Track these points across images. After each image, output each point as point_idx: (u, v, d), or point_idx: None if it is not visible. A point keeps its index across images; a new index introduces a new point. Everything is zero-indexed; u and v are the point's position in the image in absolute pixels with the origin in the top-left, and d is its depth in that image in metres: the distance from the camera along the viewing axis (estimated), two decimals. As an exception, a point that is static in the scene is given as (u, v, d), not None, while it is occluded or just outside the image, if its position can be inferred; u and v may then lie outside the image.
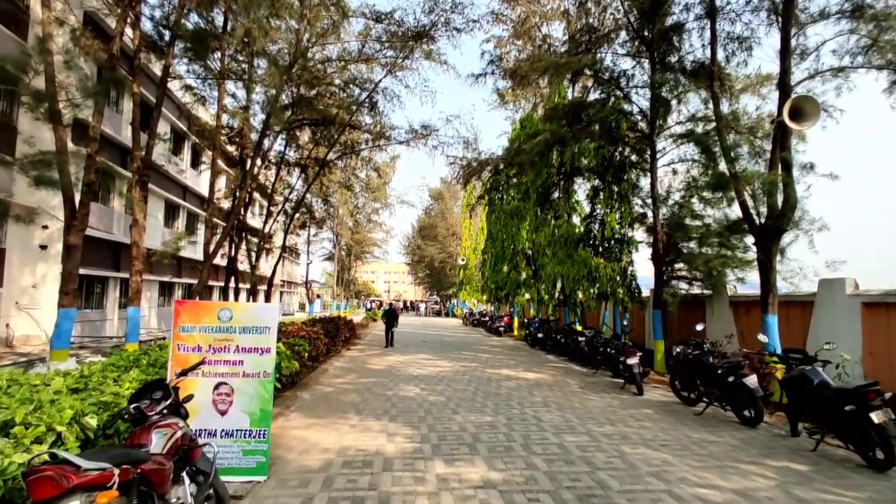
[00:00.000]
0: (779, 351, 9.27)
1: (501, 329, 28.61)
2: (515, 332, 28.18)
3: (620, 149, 15.51)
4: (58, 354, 10.06)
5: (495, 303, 34.40)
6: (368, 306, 61.82)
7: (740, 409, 7.81)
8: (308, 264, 39.69)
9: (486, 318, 33.62)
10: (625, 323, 12.95)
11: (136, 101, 12.28)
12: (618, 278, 14.77)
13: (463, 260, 46.90)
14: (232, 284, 19.40)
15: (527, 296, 26.31)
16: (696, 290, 14.44)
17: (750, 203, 11.15)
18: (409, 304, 64.24)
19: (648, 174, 14.99)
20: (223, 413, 5.07)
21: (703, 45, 14.35)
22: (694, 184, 14.47)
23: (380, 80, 20.71)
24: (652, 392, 10.84)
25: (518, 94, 27.94)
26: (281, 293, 56.28)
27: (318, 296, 61.76)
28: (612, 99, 15.46)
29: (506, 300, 28.68)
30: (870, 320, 9.51)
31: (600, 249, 15.38)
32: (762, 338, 7.60)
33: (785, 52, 10.55)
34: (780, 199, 10.48)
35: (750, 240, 11.63)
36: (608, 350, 12.38)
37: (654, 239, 14.77)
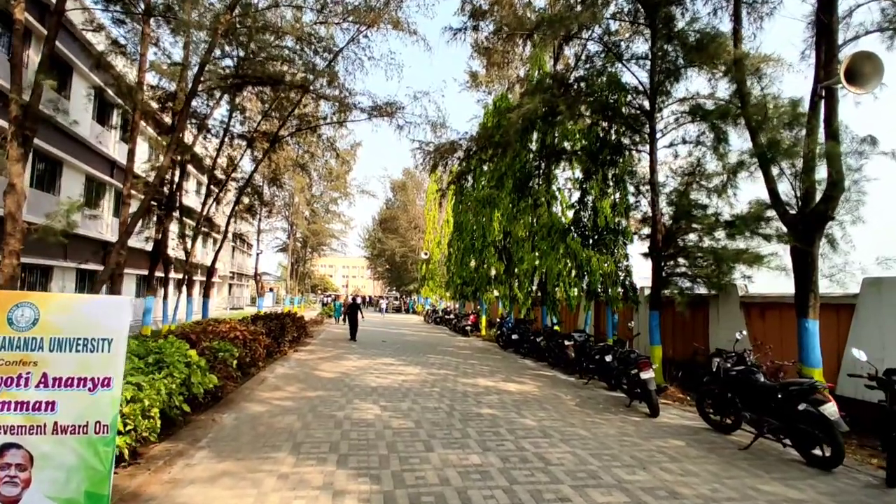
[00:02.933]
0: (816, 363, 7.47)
1: (468, 328, 26.52)
2: (483, 332, 26.16)
3: (616, 127, 13.57)
4: None
5: (461, 300, 32.31)
6: (324, 301, 58.66)
7: (808, 445, 5.89)
8: (258, 254, 36.51)
9: (451, 316, 31.47)
10: (631, 325, 10.98)
11: (17, 32, 9.49)
12: (611, 274, 12.82)
13: (426, 254, 44.60)
14: (160, 273, 16.52)
15: (495, 293, 24.33)
16: (700, 290, 12.68)
17: (782, 188, 9.37)
18: (368, 299, 61.38)
19: (647, 157, 13.11)
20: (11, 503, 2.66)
21: (714, 11, 12.57)
22: (699, 169, 12.70)
23: (341, 49, 18.20)
24: (665, 411, 8.89)
25: (493, 75, 25.90)
26: (230, 286, 52.58)
27: (271, 289, 58.27)
28: (608, 69, 13.51)
29: (473, 297, 26.63)
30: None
31: (591, 241, 13.40)
32: (859, 354, 5.58)
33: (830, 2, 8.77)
34: (822, 179, 8.74)
35: (769, 230, 9.86)
36: (608, 359, 10.40)
37: (652, 230, 12.90)
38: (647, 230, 13.93)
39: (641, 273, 13.95)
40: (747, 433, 7.09)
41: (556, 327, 15.38)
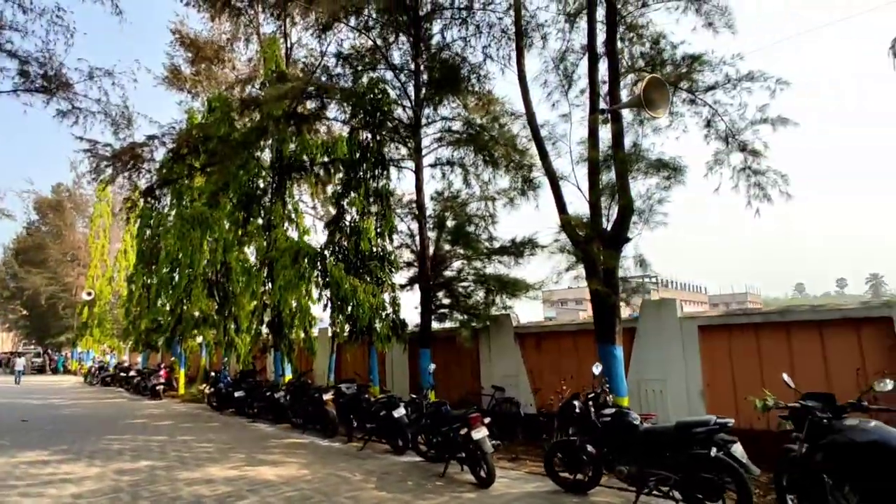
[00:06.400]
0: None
1: (159, 388, 20.41)
2: (182, 391, 20.53)
3: (379, 138, 11.83)
4: None
5: (145, 350, 25.29)
6: None
7: (714, 497, 4.82)
8: None
9: (131, 374, 24.12)
10: (431, 370, 8.86)
11: None
12: (379, 307, 10.73)
13: (90, 294, 34.38)
14: None
15: (199, 339, 19.43)
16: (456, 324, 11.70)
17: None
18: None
19: (413, 175, 11.73)
20: None
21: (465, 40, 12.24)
22: (469, 191, 11.97)
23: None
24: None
25: (203, 73, 21.45)
26: None
27: None
28: (374, 70, 11.83)
29: (167, 347, 20.81)
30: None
31: (354, 268, 11.08)
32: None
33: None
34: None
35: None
36: (398, 414, 8.13)
37: (420, 255, 11.45)
38: (409, 256, 12.48)
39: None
40: (611, 489, 5.84)
41: (302, 378, 12.33)
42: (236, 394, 13.90)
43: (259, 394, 13.21)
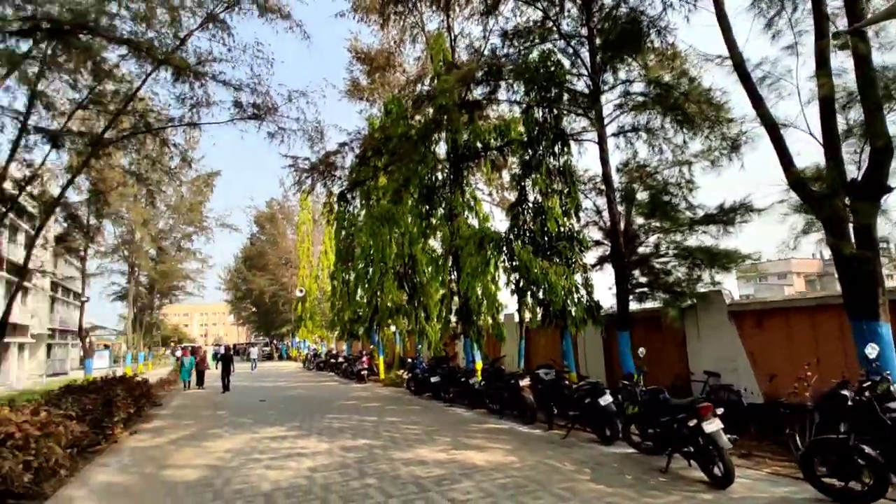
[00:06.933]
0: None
1: (363, 372, 22.47)
2: (382, 376, 22.32)
3: (556, 112, 11.22)
4: None
5: (348, 339, 28.10)
6: (177, 355, 49.74)
7: None
8: (83, 302, 28.82)
9: (340, 360, 27.05)
10: (641, 353, 8.17)
11: None
12: (572, 289, 10.18)
13: (301, 291, 39.56)
14: None
15: (393, 327, 20.83)
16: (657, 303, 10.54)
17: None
18: (234, 348, 53.43)
19: (596, 147, 10.88)
20: None
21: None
22: (663, 158, 10.76)
23: (188, 34, 13.91)
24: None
25: (377, 81, 22.87)
26: (49, 346, 42.19)
27: (106, 346, 48.26)
28: (544, 44, 11.25)
29: (367, 335, 22.79)
30: None
31: (543, 250, 10.67)
32: None
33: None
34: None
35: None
36: (604, 402, 7.55)
37: (612, 232, 10.58)
38: (597, 234, 11.67)
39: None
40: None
41: (496, 364, 12.35)
42: (432, 379, 14.50)
43: (454, 379, 13.58)
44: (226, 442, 9.48)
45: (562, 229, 10.64)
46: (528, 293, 10.48)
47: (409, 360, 18.13)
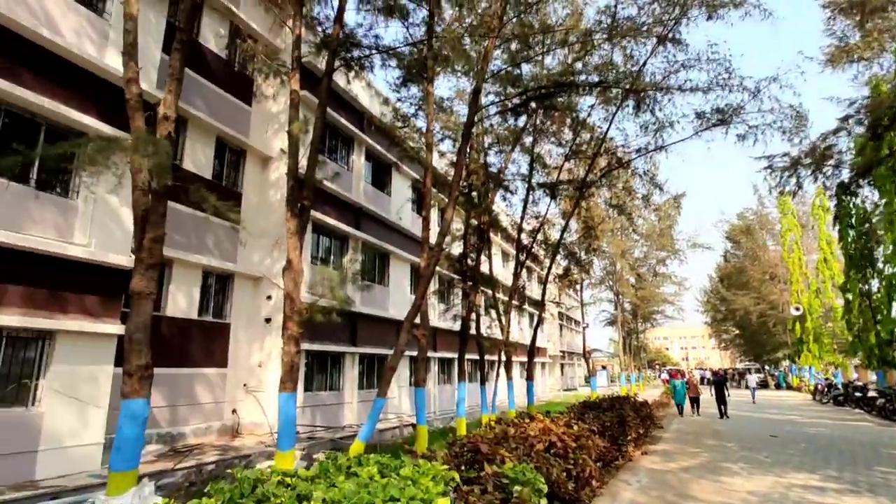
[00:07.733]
0: None
1: (914, 413, 16.75)
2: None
3: None
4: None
5: (878, 367, 21.78)
6: (665, 377, 50.57)
7: None
8: (584, 328, 33.13)
9: (871, 394, 21.20)
10: None
11: (293, 102, 8.89)
12: None
13: (797, 309, 33.77)
14: (474, 356, 14.56)
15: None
16: None
17: None
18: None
19: None
20: None
21: None
22: None
23: (644, 62, 14.28)
24: None
25: (874, 30, 17.70)
26: (562, 366, 50.48)
27: (604, 367, 53.94)
28: None
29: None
30: None
31: None
32: None
33: None
34: None
35: None
36: None
37: None
38: None
39: None
40: None
41: None
42: None
43: None
44: (745, 482, 8.43)
45: None
46: None
47: None
